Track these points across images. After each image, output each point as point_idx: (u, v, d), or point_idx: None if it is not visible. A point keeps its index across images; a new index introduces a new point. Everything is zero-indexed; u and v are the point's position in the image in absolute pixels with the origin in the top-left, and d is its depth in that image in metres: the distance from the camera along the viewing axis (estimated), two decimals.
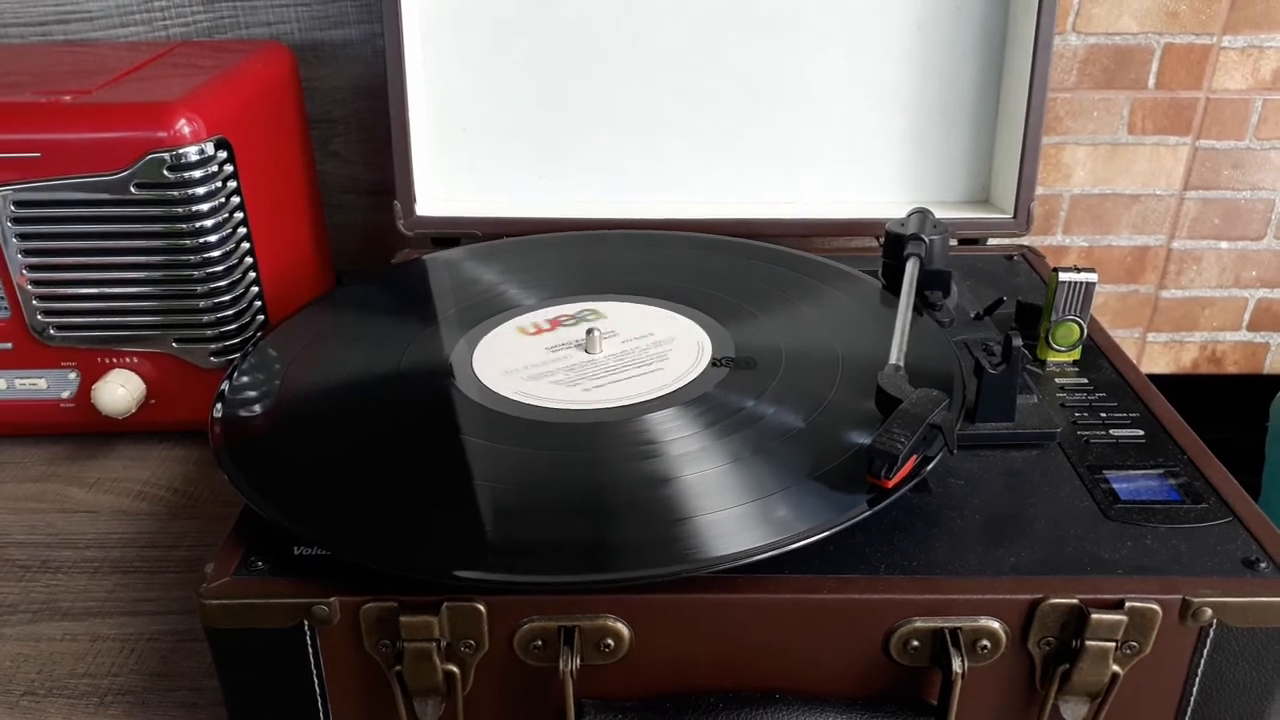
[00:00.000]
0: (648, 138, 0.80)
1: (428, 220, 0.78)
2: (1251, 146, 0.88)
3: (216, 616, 0.42)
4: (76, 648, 0.54)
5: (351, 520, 0.44)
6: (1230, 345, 0.97)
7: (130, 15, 0.83)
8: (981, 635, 0.42)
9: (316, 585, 0.42)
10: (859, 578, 0.43)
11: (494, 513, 0.45)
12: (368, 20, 0.83)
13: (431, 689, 0.43)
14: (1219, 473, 0.50)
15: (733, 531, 0.43)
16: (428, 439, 0.50)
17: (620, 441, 0.49)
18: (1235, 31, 0.84)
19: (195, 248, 0.63)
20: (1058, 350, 0.59)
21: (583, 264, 0.69)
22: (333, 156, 0.88)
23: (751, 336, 0.58)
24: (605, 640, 0.42)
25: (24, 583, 0.58)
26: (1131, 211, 0.91)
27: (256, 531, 0.45)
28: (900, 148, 0.81)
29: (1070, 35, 0.84)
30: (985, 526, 0.46)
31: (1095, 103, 0.87)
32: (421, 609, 0.42)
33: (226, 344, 0.66)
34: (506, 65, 0.79)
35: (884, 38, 0.78)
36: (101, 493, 0.66)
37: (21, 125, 0.60)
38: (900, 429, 0.44)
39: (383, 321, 0.62)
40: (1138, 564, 0.44)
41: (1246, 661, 0.43)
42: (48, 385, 0.67)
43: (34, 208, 0.61)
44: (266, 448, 0.50)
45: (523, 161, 0.81)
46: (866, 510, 0.43)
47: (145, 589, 0.58)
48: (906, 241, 0.61)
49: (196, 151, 0.61)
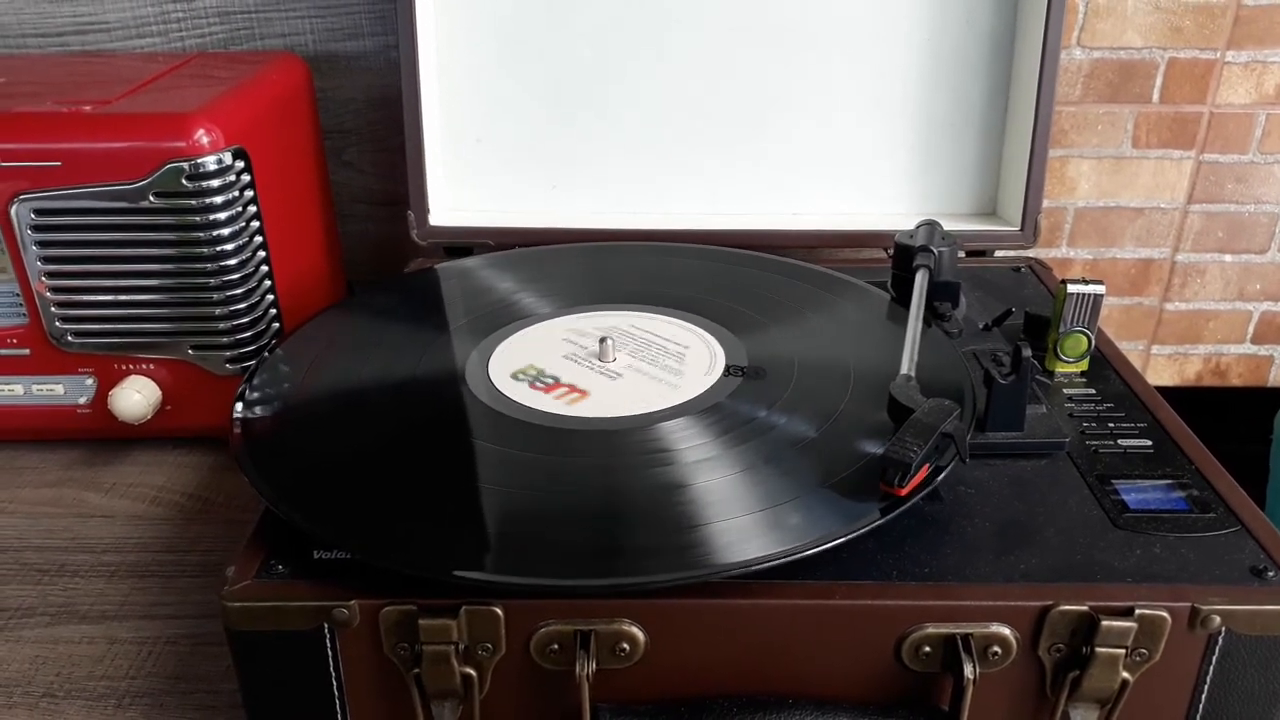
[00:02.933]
0: (659, 150, 0.81)
1: (441, 230, 0.79)
2: (1255, 160, 0.89)
3: (238, 619, 0.43)
4: (94, 650, 0.55)
5: (371, 523, 0.45)
6: (1234, 358, 0.98)
7: (147, 27, 0.84)
8: (992, 641, 0.43)
9: (336, 588, 0.43)
10: (871, 584, 0.44)
11: (511, 518, 0.45)
12: (381, 33, 0.84)
13: (449, 691, 0.44)
14: (1226, 482, 0.50)
15: (747, 538, 0.43)
16: (445, 444, 0.51)
17: (635, 449, 0.50)
18: (1239, 47, 0.85)
19: (212, 256, 0.64)
20: (1066, 361, 0.60)
21: (596, 274, 0.70)
22: (346, 166, 0.89)
23: (763, 347, 0.59)
24: (621, 644, 0.43)
25: (42, 586, 0.59)
26: (1136, 224, 0.92)
27: (277, 535, 0.46)
28: (908, 160, 0.81)
29: (1075, 49, 0.85)
30: (996, 534, 0.47)
31: (1100, 116, 0.87)
32: (440, 612, 0.42)
33: (241, 351, 0.67)
34: (519, 77, 0.80)
35: (893, 51, 0.79)
36: (117, 498, 0.66)
37: (43, 135, 0.61)
38: (913, 438, 0.45)
39: (398, 328, 0.62)
40: (1147, 572, 0.44)
41: (1254, 669, 0.44)
42: (65, 391, 0.68)
43: (54, 216, 0.62)
44: (286, 451, 0.51)
45: (535, 172, 0.82)
46: (879, 518, 0.44)
47: (161, 593, 0.59)
48: (916, 253, 0.62)
49: (214, 161, 0.62)
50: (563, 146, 0.81)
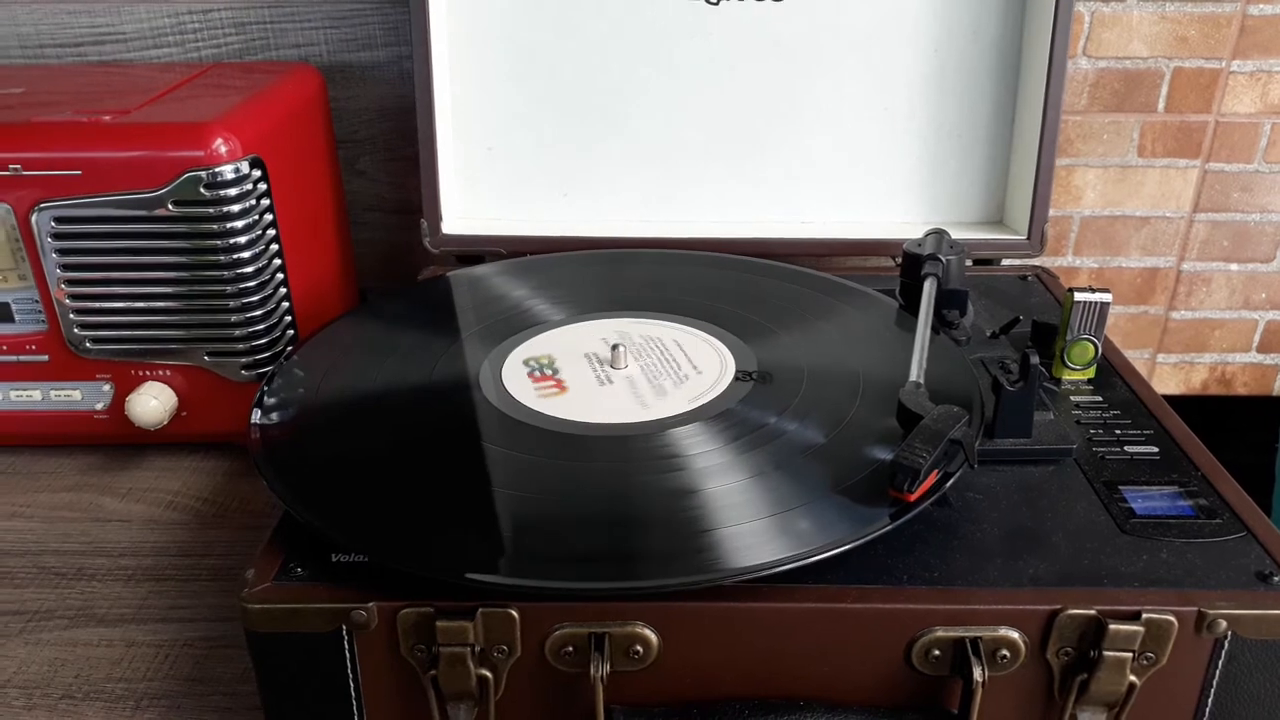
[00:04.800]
0: (669, 158, 0.82)
1: (453, 238, 0.80)
2: (1260, 170, 0.90)
3: (258, 621, 0.44)
4: (112, 653, 0.55)
5: (388, 527, 0.46)
6: (1240, 367, 0.98)
7: (163, 37, 0.85)
8: (1001, 645, 0.43)
9: (354, 591, 0.44)
10: (881, 588, 0.44)
11: (525, 521, 0.46)
12: (395, 43, 0.85)
13: (465, 693, 0.44)
14: (1232, 489, 0.51)
15: (758, 543, 0.44)
16: (460, 449, 0.52)
17: (647, 454, 0.51)
18: (1244, 56, 0.86)
19: (229, 264, 0.64)
20: (1073, 369, 0.61)
21: (606, 281, 0.71)
22: (359, 175, 0.90)
23: (773, 354, 0.60)
24: (634, 647, 0.44)
25: (60, 589, 0.60)
26: (1141, 233, 0.92)
27: (295, 539, 0.47)
28: (916, 169, 0.82)
29: (1081, 59, 0.85)
30: (1004, 539, 0.47)
31: (1105, 125, 0.88)
32: (457, 614, 0.43)
33: (257, 358, 0.67)
34: (530, 87, 0.81)
35: (900, 61, 0.79)
36: (134, 502, 0.67)
37: (63, 144, 0.62)
38: (922, 444, 0.45)
39: (413, 335, 0.63)
40: (1154, 577, 0.45)
41: (1261, 672, 0.44)
42: (82, 397, 0.68)
43: (73, 224, 0.63)
44: (304, 455, 0.52)
45: (545, 181, 0.83)
46: (889, 524, 0.45)
47: (178, 596, 0.59)
48: (924, 261, 0.63)
49: (232, 170, 0.63)
50: (573, 155, 0.82)
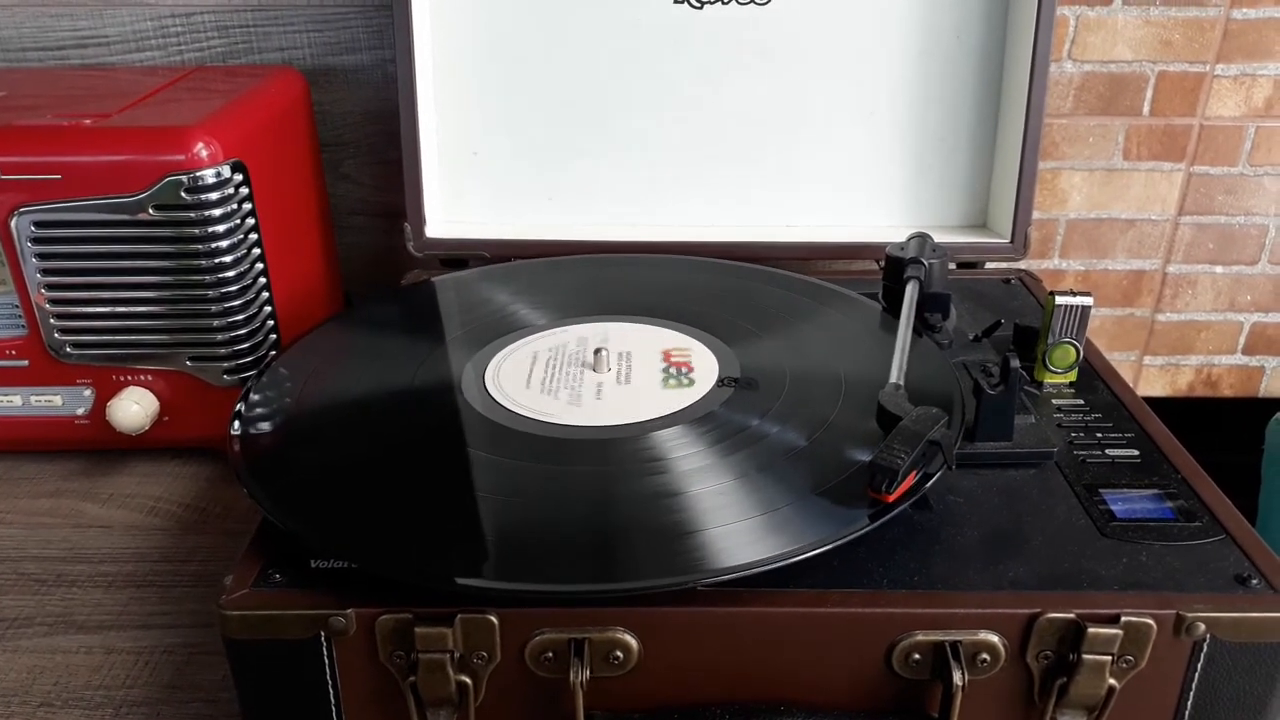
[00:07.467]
0: (654, 162, 0.82)
1: (437, 242, 0.80)
2: (1245, 173, 0.90)
3: (236, 627, 0.43)
4: (92, 660, 0.55)
5: (368, 532, 0.46)
6: (1225, 369, 0.98)
7: (146, 41, 0.84)
8: (981, 649, 0.43)
9: (333, 597, 0.44)
10: (862, 592, 0.44)
11: (507, 525, 0.46)
12: (378, 46, 0.85)
13: (444, 700, 0.44)
14: (1212, 492, 0.51)
15: (739, 544, 0.44)
16: (441, 454, 0.51)
17: (629, 458, 0.51)
18: (1228, 60, 0.86)
19: (210, 268, 0.64)
20: (1054, 372, 0.61)
21: (590, 285, 0.71)
22: (343, 179, 0.90)
23: (756, 357, 0.60)
24: (614, 652, 0.43)
25: (39, 596, 0.59)
26: (1127, 236, 0.92)
27: (274, 545, 0.47)
28: (899, 173, 0.82)
29: (1066, 63, 0.86)
30: (984, 543, 0.47)
31: (1090, 129, 0.88)
32: (436, 620, 0.43)
33: (239, 363, 0.67)
34: (515, 91, 0.80)
35: (884, 65, 0.80)
36: (115, 508, 0.67)
37: (43, 148, 0.62)
38: (900, 445, 0.45)
39: (395, 340, 0.63)
40: (1133, 580, 0.45)
41: (1240, 675, 0.44)
42: (63, 402, 0.68)
43: (53, 228, 0.63)
44: (284, 461, 0.51)
45: (530, 185, 0.83)
46: (868, 525, 0.45)
47: (159, 603, 0.59)
48: (906, 265, 0.63)
49: (213, 174, 0.63)
50: (558, 159, 0.82)
